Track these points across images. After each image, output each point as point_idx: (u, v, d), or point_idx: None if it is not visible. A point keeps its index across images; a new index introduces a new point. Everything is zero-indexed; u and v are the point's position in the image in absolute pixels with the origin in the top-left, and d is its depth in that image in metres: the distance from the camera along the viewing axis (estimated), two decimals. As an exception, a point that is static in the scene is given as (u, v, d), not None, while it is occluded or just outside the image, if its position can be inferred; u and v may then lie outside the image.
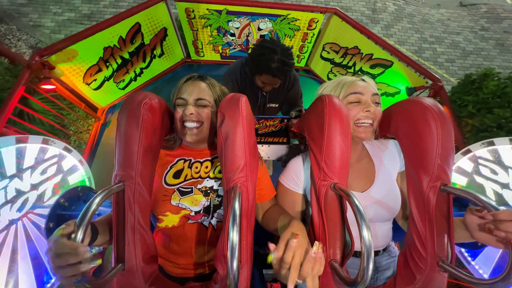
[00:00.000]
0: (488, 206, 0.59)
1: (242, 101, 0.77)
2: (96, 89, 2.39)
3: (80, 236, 0.53)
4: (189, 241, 0.85)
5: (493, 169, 1.37)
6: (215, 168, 0.91)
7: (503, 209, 0.58)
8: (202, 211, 0.85)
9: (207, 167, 0.91)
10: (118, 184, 0.70)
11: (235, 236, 0.55)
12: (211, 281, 0.75)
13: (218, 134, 0.77)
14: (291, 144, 1.39)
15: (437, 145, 0.69)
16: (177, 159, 0.91)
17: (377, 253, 0.91)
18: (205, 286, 0.79)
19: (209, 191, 0.87)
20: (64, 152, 1.44)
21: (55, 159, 1.39)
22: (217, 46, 2.85)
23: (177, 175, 0.89)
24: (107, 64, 2.30)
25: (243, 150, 0.73)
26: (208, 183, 0.88)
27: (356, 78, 0.88)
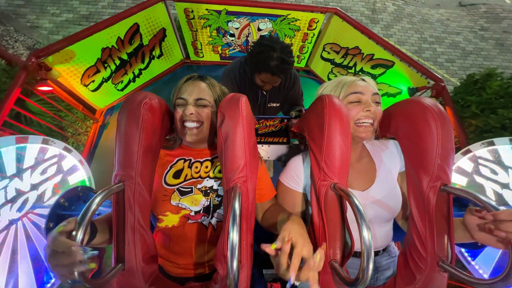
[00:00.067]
0: (488, 206, 0.59)
1: (242, 101, 0.77)
2: (94, 90, 2.36)
3: (80, 236, 0.53)
4: (189, 241, 0.85)
5: (493, 169, 1.37)
6: (215, 168, 0.91)
7: (503, 209, 0.59)
8: (202, 211, 0.85)
9: (207, 167, 0.91)
10: (118, 184, 0.70)
11: (235, 236, 0.55)
12: (211, 281, 0.75)
13: (218, 134, 0.77)
14: (291, 144, 1.39)
15: (437, 145, 0.69)
16: (177, 159, 0.91)
17: (377, 253, 0.91)
18: (205, 286, 0.79)
19: (209, 191, 0.87)
20: (64, 152, 1.44)
21: (55, 159, 1.39)
22: (216, 47, 2.83)
23: (177, 175, 0.89)
24: (105, 65, 2.27)
25: (243, 150, 0.73)
26: (208, 183, 0.88)
27: (356, 78, 0.88)
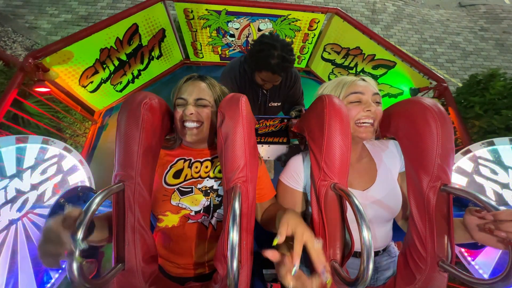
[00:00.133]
0: (488, 206, 0.59)
1: (242, 101, 0.77)
2: (92, 91, 2.34)
3: (80, 236, 0.53)
4: (189, 241, 0.85)
5: (493, 169, 1.37)
6: (215, 168, 0.91)
7: (503, 209, 0.58)
8: (202, 211, 0.85)
9: (207, 167, 0.91)
10: (118, 184, 0.70)
11: (235, 236, 0.55)
12: (211, 281, 0.75)
13: (218, 134, 0.77)
14: (291, 144, 1.39)
15: (437, 145, 0.69)
16: (177, 159, 0.91)
17: (377, 253, 0.90)
18: (205, 286, 0.79)
19: (209, 190, 0.87)
20: (64, 152, 1.44)
21: (55, 159, 1.39)
22: (216, 47, 2.82)
23: (177, 175, 0.89)
24: (104, 66, 2.25)
25: (243, 150, 0.73)
26: (208, 183, 0.88)
27: (356, 77, 0.88)
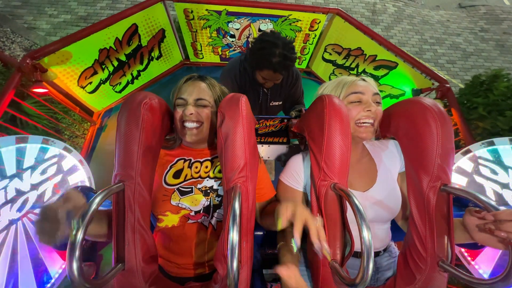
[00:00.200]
0: (488, 206, 0.59)
1: (242, 101, 0.77)
2: (91, 92, 2.30)
3: (80, 236, 0.53)
4: (189, 241, 0.85)
5: (493, 169, 1.37)
6: (215, 168, 0.91)
7: (503, 209, 0.58)
8: (202, 211, 0.85)
9: (207, 167, 0.91)
10: (118, 184, 0.70)
11: (235, 236, 0.55)
12: (211, 281, 0.75)
13: (218, 134, 0.77)
14: (291, 144, 1.39)
15: (437, 145, 0.69)
16: (177, 159, 0.91)
17: (377, 254, 0.90)
18: (205, 286, 0.79)
19: (209, 190, 0.87)
20: (64, 152, 1.44)
21: (55, 159, 1.39)
22: (216, 48, 2.81)
23: (177, 175, 0.89)
24: (103, 66, 2.22)
25: (243, 150, 0.73)
26: (208, 183, 0.88)
27: (356, 77, 0.88)
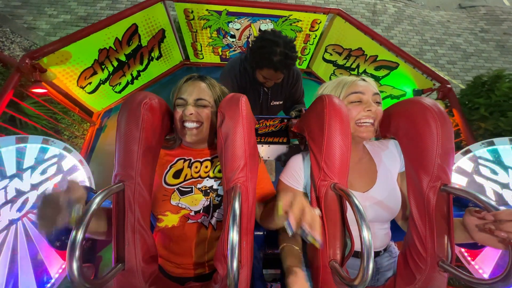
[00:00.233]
0: (488, 206, 0.59)
1: (242, 101, 0.77)
2: (91, 92, 2.30)
3: (80, 236, 0.53)
4: (189, 241, 0.84)
5: (493, 169, 1.37)
6: (214, 168, 0.91)
7: (503, 209, 0.58)
8: (202, 210, 0.85)
9: (206, 167, 0.91)
10: (118, 184, 0.70)
11: (235, 236, 0.55)
12: (211, 281, 0.75)
13: (218, 134, 0.77)
14: (291, 144, 1.40)
15: (437, 145, 0.69)
16: (177, 159, 0.91)
17: (378, 254, 0.90)
18: (205, 286, 0.79)
19: (208, 190, 0.87)
20: (64, 152, 1.44)
21: (55, 159, 1.39)
22: (216, 48, 2.81)
23: (177, 175, 0.89)
24: (103, 66, 2.21)
25: (243, 150, 0.73)
26: (208, 183, 0.88)
27: (356, 78, 0.88)
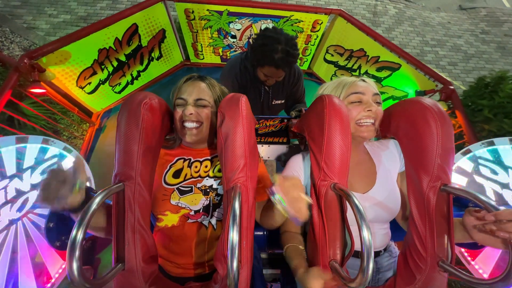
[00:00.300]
0: (488, 206, 0.59)
1: (242, 101, 0.77)
2: (90, 93, 2.27)
3: (80, 236, 0.53)
4: (189, 241, 0.84)
5: (493, 169, 1.37)
6: (214, 167, 0.91)
7: (503, 209, 0.58)
8: (201, 210, 0.85)
9: (206, 166, 0.91)
10: (118, 184, 0.70)
11: (235, 236, 0.55)
12: (211, 281, 0.75)
13: (218, 134, 0.77)
14: (291, 144, 1.40)
15: (437, 145, 0.69)
16: (177, 159, 0.91)
17: (378, 254, 0.90)
18: (205, 286, 0.78)
19: (208, 190, 0.87)
20: (64, 152, 1.44)
21: (55, 159, 1.39)
22: (217, 49, 2.80)
23: (176, 174, 0.89)
24: (102, 66, 2.19)
25: (243, 150, 0.73)
26: (207, 182, 0.88)
27: (356, 78, 0.89)
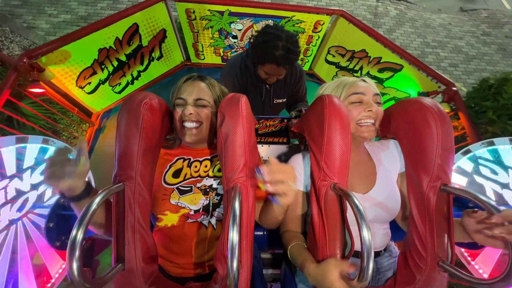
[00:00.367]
0: (488, 206, 0.59)
1: (242, 101, 0.77)
2: (90, 93, 2.26)
3: (80, 236, 0.53)
4: (189, 241, 0.84)
5: (493, 169, 1.37)
6: (214, 167, 0.91)
7: (503, 209, 0.58)
8: (201, 209, 0.85)
9: (206, 166, 0.91)
10: (118, 184, 0.70)
11: (235, 236, 0.55)
12: (211, 281, 0.75)
13: (218, 134, 0.77)
14: (291, 144, 1.39)
15: (437, 145, 0.69)
16: (176, 158, 0.92)
17: (378, 254, 0.90)
18: (205, 286, 0.78)
19: (208, 189, 0.87)
20: (65, 152, 1.44)
21: (55, 159, 1.39)
22: (218, 49, 2.79)
23: (176, 174, 0.89)
24: (102, 66, 2.18)
25: (243, 150, 0.73)
26: (207, 182, 0.88)
27: (356, 78, 0.89)
